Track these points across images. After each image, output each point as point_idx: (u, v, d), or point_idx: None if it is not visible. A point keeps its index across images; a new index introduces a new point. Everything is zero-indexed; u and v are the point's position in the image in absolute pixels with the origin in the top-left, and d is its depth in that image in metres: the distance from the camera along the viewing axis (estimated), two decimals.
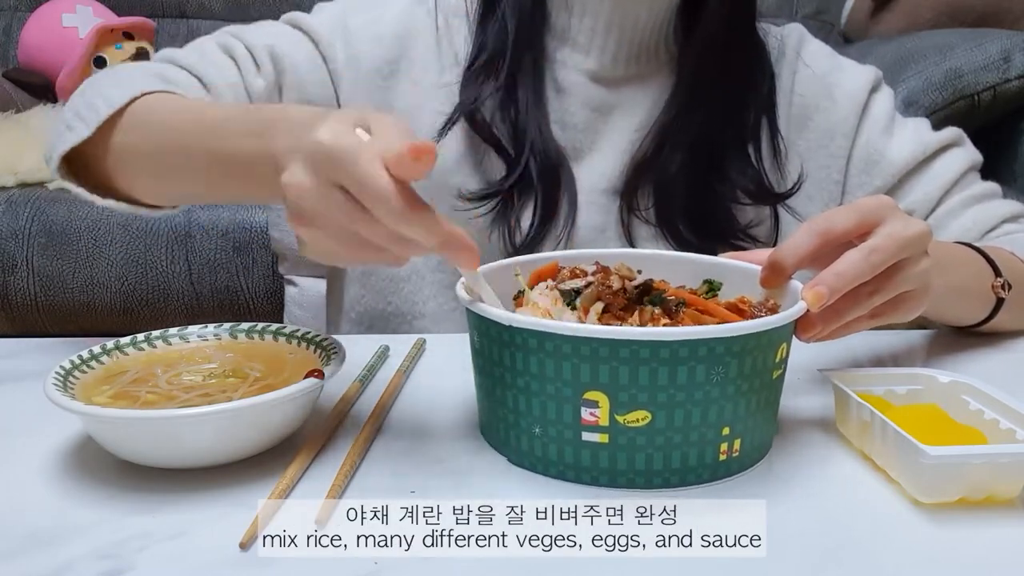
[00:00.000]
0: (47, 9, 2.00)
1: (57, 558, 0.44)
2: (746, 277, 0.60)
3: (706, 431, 0.50)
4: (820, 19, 2.21)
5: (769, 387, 0.53)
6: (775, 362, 0.52)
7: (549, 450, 0.52)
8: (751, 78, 0.84)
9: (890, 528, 0.48)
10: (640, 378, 0.48)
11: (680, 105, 0.82)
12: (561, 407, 0.50)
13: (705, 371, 0.49)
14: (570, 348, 0.49)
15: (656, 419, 0.49)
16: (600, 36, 0.82)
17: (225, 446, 0.52)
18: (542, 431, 0.52)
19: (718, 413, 0.50)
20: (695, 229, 0.81)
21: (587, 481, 0.51)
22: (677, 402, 0.49)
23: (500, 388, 0.53)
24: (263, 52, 0.81)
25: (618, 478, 0.51)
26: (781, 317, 0.51)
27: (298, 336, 0.62)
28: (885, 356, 0.75)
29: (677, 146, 0.81)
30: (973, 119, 1.52)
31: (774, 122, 0.85)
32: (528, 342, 0.50)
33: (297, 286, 1.54)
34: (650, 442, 0.50)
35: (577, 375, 0.49)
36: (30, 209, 1.58)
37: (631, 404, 0.49)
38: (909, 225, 0.57)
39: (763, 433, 0.55)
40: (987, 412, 0.54)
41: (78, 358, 0.57)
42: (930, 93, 1.50)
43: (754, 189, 0.82)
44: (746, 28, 0.84)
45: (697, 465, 0.51)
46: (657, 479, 0.51)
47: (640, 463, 0.50)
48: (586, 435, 0.50)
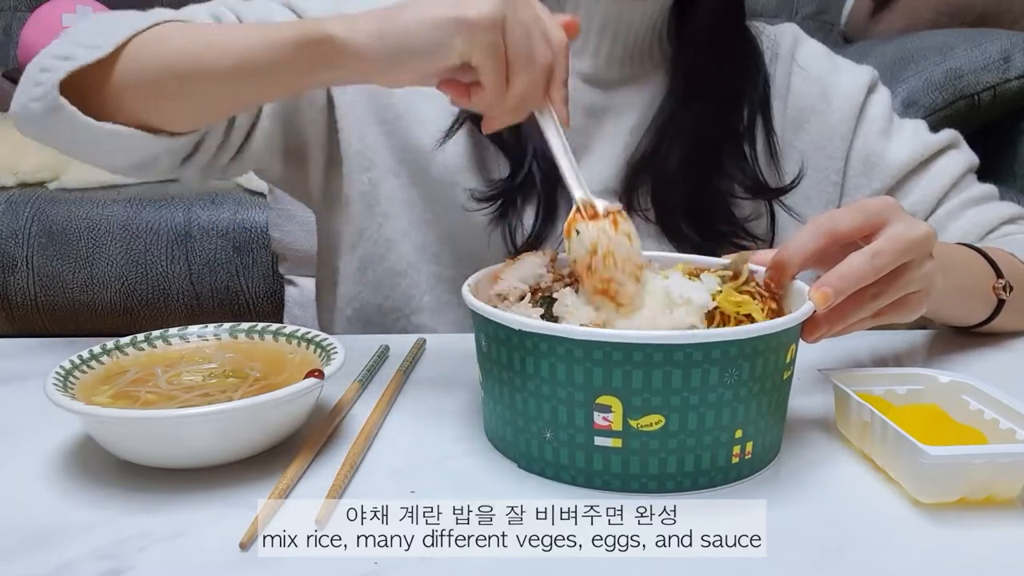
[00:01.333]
0: (47, 9, 2.00)
1: (57, 558, 0.44)
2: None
3: (719, 434, 0.50)
4: (820, 19, 2.22)
5: (780, 388, 0.53)
6: (785, 363, 0.52)
7: (560, 455, 0.51)
8: (744, 77, 0.84)
9: (890, 528, 0.48)
10: (654, 382, 0.48)
11: (675, 104, 0.82)
12: (573, 411, 0.50)
13: (719, 373, 0.48)
14: (582, 352, 0.48)
15: (670, 423, 0.49)
16: (593, 38, 0.82)
17: (225, 446, 0.52)
18: (553, 436, 0.51)
19: (731, 416, 0.50)
20: (695, 225, 0.81)
21: (599, 486, 0.51)
22: (691, 405, 0.49)
23: (509, 392, 0.53)
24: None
25: (631, 483, 0.50)
26: (792, 318, 0.51)
27: (298, 336, 0.62)
28: (886, 356, 0.75)
29: (674, 144, 0.81)
30: (973, 119, 1.52)
31: (769, 122, 0.85)
32: (539, 346, 0.49)
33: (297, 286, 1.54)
34: (663, 446, 0.49)
35: (590, 379, 0.49)
36: (30, 209, 1.58)
37: (644, 408, 0.48)
38: (913, 227, 0.57)
39: (773, 435, 0.54)
40: (987, 412, 0.54)
41: (78, 358, 0.57)
42: (930, 93, 1.50)
43: (751, 184, 0.83)
44: (737, 27, 0.84)
45: (710, 468, 0.51)
46: (670, 483, 0.50)
47: (653, 467, 0.50)
48: (599, 440, 0.50)
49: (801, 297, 0.55)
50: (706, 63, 0.81)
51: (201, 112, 0.70)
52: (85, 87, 0.66)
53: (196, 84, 0.66)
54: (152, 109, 0.68)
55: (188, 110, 0.69)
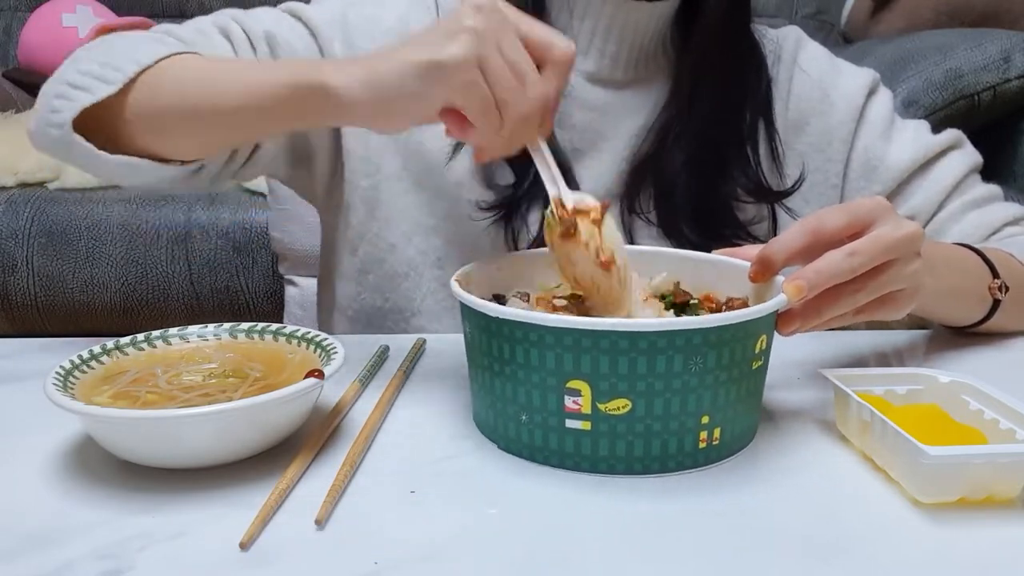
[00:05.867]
0: (47, 9, 2.00)
1: (57, 558, 0.44)
2: (737, 273, 0.61)
3: (685, 419, 0.52)
4: (820, 19, 2.22)
5: (749, 377, 0.54)
6: (754, 353, 0.54)
7: (535, 436, 0.53)
8: (747, 79, 0.84)
9: (890, 528, 0.48)
10: (620, 367, 0.50)
11: (678, 107, 0.82)
12: (546, 395, 0.52)
13: (683, 361, 0.50)
14: (553, 339, 0.50)
15: (636, 407, 0.51)
16: (600, 39, 0.82)
17: (225, 446, 0.52)
18: (528, 418, 0.53)
19: (697, 402, 0.52)
20: (697, 228, 0.81)
21: (570, 467, 0.53)
22: (656, 391, 0.51)
23: (490, 377, 0.55)
24: (260, 38, 0.80)
25: (599, 464, 0.52)
26: (758, 309, 0.52)
27: (298, 336, 0.62)
28: (886, 356, 0.75)
29: (676, 147, 0.81)
30: (973, 119, 1.52)
31: (771, 125, 0.85)
32: (514, 332, 0.52)
33: (297, 286, 1.54)
34: (630, 429, 0.51)
35: (560, 364, 0.51)
36: (30, 209, 1.58)
37: (612, 392, 0.51)
38: (899, 227, 0.58)
39: (744, 422, 0.56)
40: (987, 412, 0.54)
41: (78, 358, 0.57)
42: (930, 93, 1.50)
43: (753, 187, 0.83)
44: (742, 31, 0.84)
45: (677, 452, 0.53)
46: (638, 465, 0.52)
47: (621, 450, 0.52)
48: (569, 422, 0.52)
49: (776, 289, 0.56)
50: (710, 66, 0.81)
51: (206, 146, 0.72)
52: (99, 115, 0.68)
53: (199, 123, 0.68)
54: (159, 142, 0.70)
55: (193, 145, 0.71)
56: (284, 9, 0.84)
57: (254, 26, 0.80)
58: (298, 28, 0.82)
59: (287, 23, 0.82)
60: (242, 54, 0.79)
